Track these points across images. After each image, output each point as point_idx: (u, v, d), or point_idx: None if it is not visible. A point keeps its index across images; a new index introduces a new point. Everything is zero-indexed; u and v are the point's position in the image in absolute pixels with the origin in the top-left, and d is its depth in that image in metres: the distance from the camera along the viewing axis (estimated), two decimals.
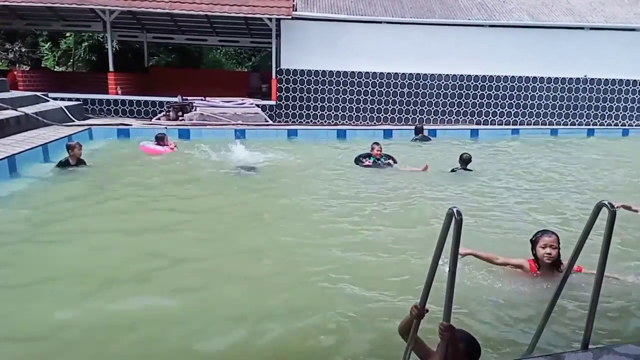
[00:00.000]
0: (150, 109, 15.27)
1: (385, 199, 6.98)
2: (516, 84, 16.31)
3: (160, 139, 10.13)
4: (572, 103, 16.55)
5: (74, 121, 12.45)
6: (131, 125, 13.01)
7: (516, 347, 3.19)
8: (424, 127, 13.92)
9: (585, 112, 16.65)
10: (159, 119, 14.28)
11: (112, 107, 15.27)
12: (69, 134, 10.40)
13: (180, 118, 13.97)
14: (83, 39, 23.86)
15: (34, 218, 5.82)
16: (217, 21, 17.76)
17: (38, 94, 13.45)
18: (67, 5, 14.40)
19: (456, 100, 16.21)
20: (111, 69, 15.54)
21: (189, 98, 14.62)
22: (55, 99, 13.78)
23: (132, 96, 15.58)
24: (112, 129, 12.52)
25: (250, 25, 18.07)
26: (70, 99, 14.41)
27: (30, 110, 11.12)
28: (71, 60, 25.06)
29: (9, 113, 10.24)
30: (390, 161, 9.37)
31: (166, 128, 12.30)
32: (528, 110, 16.48)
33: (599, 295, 2.36)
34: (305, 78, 15.71)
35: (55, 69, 24.40)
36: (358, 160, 9.44)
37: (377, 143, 9.53)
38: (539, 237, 4.10)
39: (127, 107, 15.31)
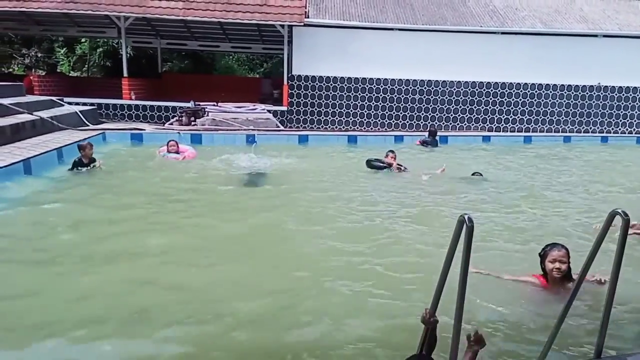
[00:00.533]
0: (163, 114, 15.42)
1: (396, 205, 6.95)
2: (529, 91, 16.22)
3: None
4: (585, 110, 16.43)
5: (88, 125, 12.61)
6: (144, 130, 13.14)
7: (527, 356, 3.17)
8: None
9: (598, 119, 16.51)
10: (171, 124, 14.41)
11: (126, 112, 15.45)
12: (83, 138, 10.48)
13: (192, 123, 14.09)
14: (98, 45, 24.21)
15: (46, 220, 5.88)
16: (230, 28, 17.91)
17: (53, 98, 13.66)
18: (82, 12, 14.62)
19: (468, 107, 16.16)
20: (125, 74, 15.71)
21: (201, 103, 14.74)
22: (70, 103, 13.99)
23: (146, 101, 15.75)
24: (125, 133, 12.64)
25: (263, 32, 18.19)
26: (84, 104, 14.60)
27: (45, 114, 11.27)
28: (86, 66, 25.44)
29: (25, 117, 10.40)
30: (403, 168, 9.34)
31: (179, 133, 12.39)
32: (541, 118, 16.38)
33: (612, 304, 2.34)
34: (317, 84, 15.76)
35: (70, 74, 24.76)
36: (369, 163, 9.42)
37: (392, 151, 9.49)
38: (547, 252, 3.93)
39: (141, 112, 15.47)
